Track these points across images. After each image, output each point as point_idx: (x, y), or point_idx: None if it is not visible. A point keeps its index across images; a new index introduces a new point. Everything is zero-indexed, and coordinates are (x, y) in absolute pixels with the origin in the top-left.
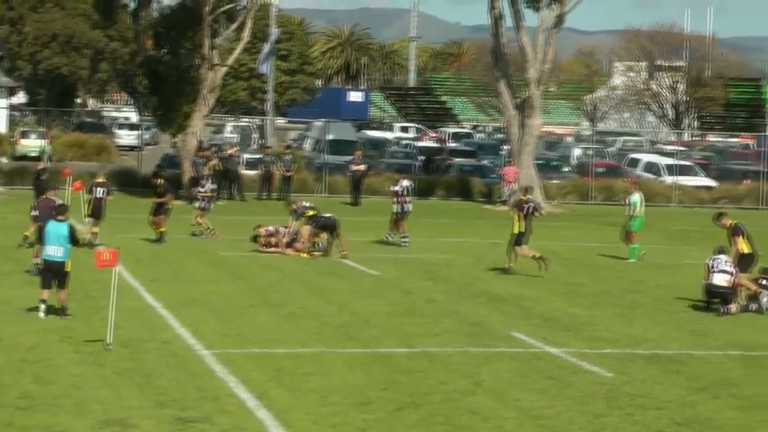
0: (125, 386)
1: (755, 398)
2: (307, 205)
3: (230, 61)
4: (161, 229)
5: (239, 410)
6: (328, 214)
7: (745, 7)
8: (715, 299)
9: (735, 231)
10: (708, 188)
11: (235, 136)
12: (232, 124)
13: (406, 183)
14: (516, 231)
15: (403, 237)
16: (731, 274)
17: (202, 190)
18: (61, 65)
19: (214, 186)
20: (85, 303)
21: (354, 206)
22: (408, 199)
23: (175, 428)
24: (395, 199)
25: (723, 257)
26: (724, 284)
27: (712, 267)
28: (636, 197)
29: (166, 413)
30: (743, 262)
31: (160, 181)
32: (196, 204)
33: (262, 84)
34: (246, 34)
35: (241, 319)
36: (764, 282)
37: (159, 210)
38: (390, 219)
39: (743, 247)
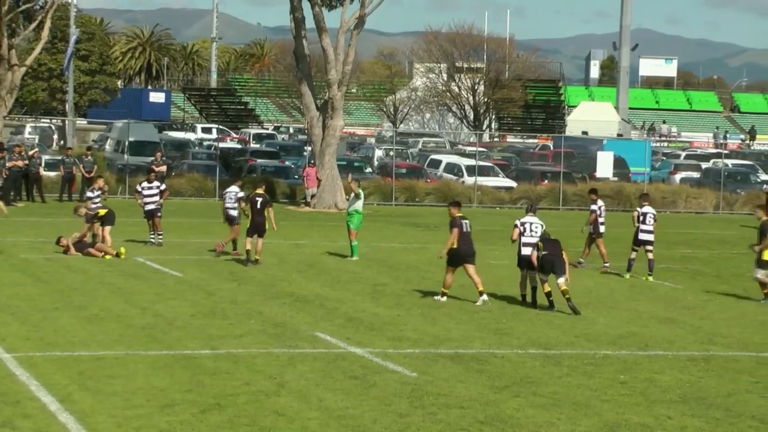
0: None
1: (554, 396)
2: (97, 205)
3: (29, 61)
4: None
5: (41, 414)
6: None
7: (542, 10)
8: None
9: None
10: (508, 189)
11: (35, 137)
12: (32, 124)
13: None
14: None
15: (159, 234)
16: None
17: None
18: None
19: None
20: None
21: None
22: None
23: None
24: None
25: (535, 219)
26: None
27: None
28: (359, 194)
29: None
30: None
31: None
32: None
33: (62, 84)
34: (45, 34)
35: (44, 322)
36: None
37: None
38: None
39: None
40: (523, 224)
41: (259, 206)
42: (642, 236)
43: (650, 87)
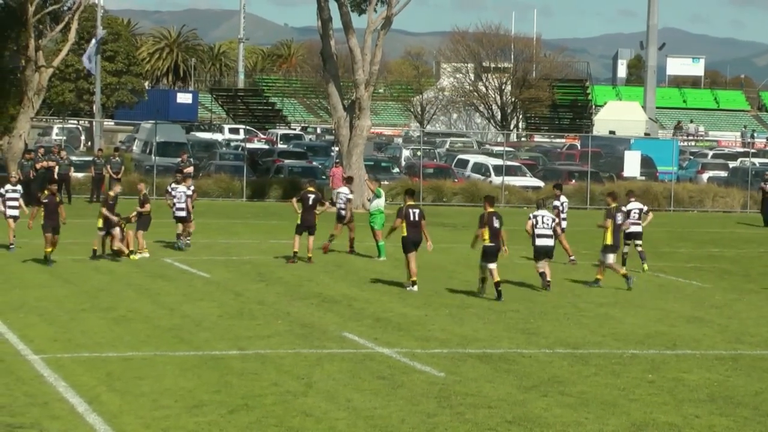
0: None
1: (582, 395)
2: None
3: (56, 62)
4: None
5: (69, 415)
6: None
7: (568, 10)
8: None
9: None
10: (535, 188)
11: (62, 138)
12: (59, 126)
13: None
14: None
15: (187, 237)
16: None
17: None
18: None
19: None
20: None
21: None
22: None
23: None
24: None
25: (546, 213)
26: (551, 243)
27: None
28: (379, 193)
29: None
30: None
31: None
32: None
33: (89, 86)
34: (72, 35)
35: (72, 324)
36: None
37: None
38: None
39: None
40: (535, 217)
41: (311, 203)
42: (630, 229)
43: (677, 86)
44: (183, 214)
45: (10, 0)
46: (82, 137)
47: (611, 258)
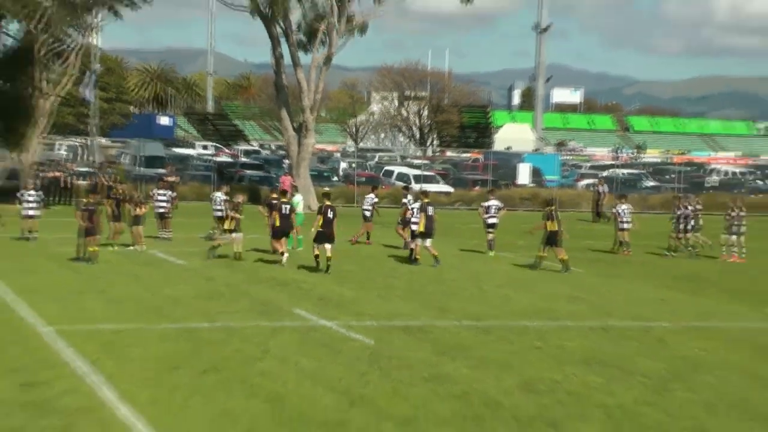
0: None
1: (484, 358)
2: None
3: (58, 90)
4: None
5: (74, 376)
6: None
7: (474, 49)
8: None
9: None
10: (447, 193)
11: (67, 153)
12: (62, 143)
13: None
14: (277, 224)
15: (169, 231)
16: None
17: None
18: None
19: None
20: None
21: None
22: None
23: (21, 391)
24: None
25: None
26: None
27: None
28: (297, 198)
29: (11, 379)
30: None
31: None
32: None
33: (86, 110)
34: (73, 70)
35: (74, 303)
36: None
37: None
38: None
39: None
40: (413, 208)
41: (285, 211)
42: (490, 220)
43: (561, 111)
44: (220, 214)
45: (21, 42)
46: (82, 152)
47: (427, 242)
